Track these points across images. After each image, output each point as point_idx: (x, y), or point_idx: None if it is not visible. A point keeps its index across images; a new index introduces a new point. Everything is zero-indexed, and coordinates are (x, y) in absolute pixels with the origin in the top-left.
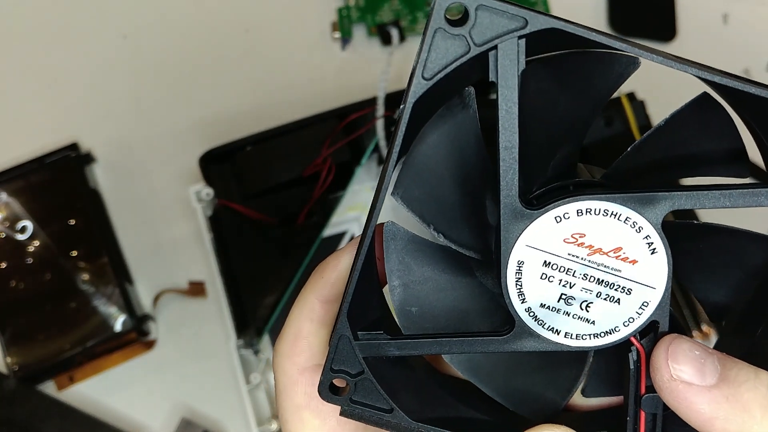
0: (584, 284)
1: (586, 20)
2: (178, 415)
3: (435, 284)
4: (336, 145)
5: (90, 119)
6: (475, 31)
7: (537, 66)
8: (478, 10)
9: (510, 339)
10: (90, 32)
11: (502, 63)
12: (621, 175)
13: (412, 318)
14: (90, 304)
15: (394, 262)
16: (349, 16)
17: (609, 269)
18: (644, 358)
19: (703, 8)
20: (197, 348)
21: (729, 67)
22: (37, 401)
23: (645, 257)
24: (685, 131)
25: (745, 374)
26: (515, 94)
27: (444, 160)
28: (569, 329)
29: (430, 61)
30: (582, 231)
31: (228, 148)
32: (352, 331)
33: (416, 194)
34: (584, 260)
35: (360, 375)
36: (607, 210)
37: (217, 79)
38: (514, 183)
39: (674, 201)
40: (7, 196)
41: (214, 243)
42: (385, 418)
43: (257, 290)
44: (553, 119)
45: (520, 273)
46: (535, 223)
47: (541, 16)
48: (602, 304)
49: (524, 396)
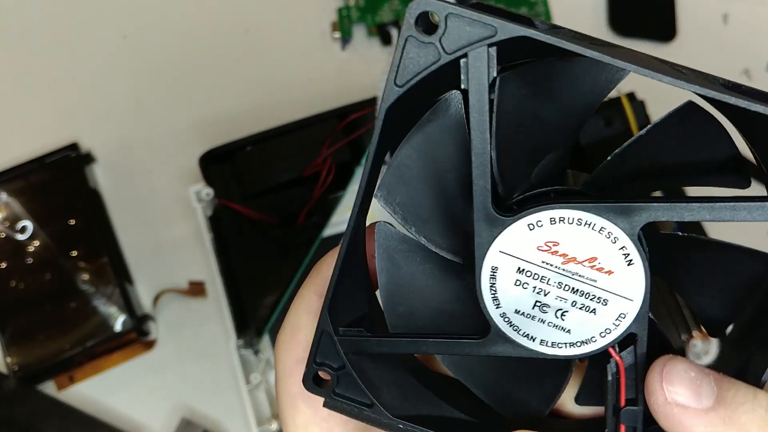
0: (559, 292)
1: (586, 20)
2: (178, 415)
3: (423, 285)
4: (336, 145)
5: (90, 119)
6: (446, 39)
7: (519, 72)
8: (448, 19)
9: (486, 343)
10: (90, 32)
11: (472, 71)
12: (603, 184)
13: (400, 317)
14: (90, 304)
15: (384, 262)
16: (349, 16)
17: (584, 279)
18: (623, 371)
19: (703, 8)
20: (197, 348)
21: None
22: (37, 401)
23: (621, 268)
24: (670, 140)
25: (743, 395)
26: (485, 101)
27: (426, 163)
28: (544, 337)
29: (401, 68)
30: (555, 239)
31: (228, 148)
32: (333, 326)
33: (398, 197)
34: (558, 269)
35: (342, 369)
36: (580, 219)
37: (217, 79)
38: (487, 189)
39: (651, 212)
40: (7, 196)
41: (214, 243)
42: (365, 413)
43: (257, 290)
44: (537, 126)
45: (495, 279)
46: (508, 230)
47: (510, 24)
48: (578, 313)
49: (510, 399)
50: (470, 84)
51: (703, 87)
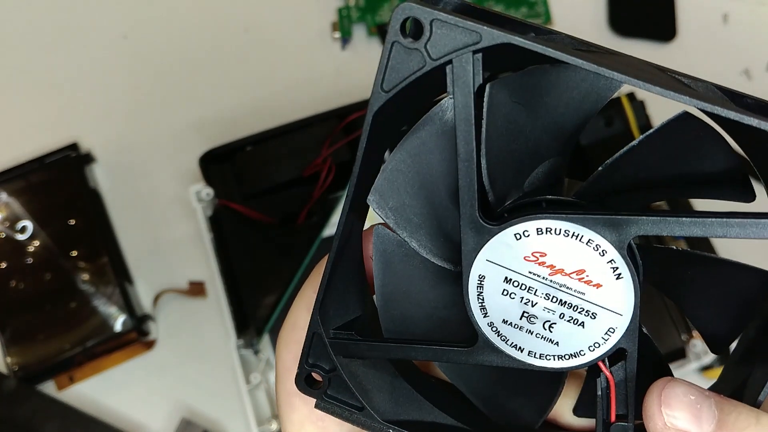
0: (546, 304)
1: (586, 20)
2: (178, 415)
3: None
4: (336, 145)
5: (90, 119)
6: (431, 45)
7: (511, 79)
8: (433, 24)
9: (473, 352)
10: (90, 32)
11: (457, 78)
12: (595, 194)
13: (395, 320)
14: (90, 304)
15: (381, 265)
16: (349, 16)
17: (572, 291)
18: (613, 386)
19: (703, 8)
20: (197, 348)
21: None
22: (37, 401)
23: (610, 282)
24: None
25: (745, 419)
26: (471, 108)
27: (419, 169)
28: (532, 348)
29: (388, 73)
30: (543, 250)
31: (228, 148)
32: (324, 328)
33: (390, 202)
34: (546, 280)
35: (333, 371)
36: (567, 230)
37: (217, 79)
38: (473, 196)
39: (640, 226)
40: (7, 196)
41: (214, 243)
42: (356, 416)
43: (257, 290)
44: (530, 134)
45: (482, 288)
46: (495, 239)
47: (495, 30)
48: (566, 325)
49: (503, 407)
50: (456, 90)
51: (694, 98)
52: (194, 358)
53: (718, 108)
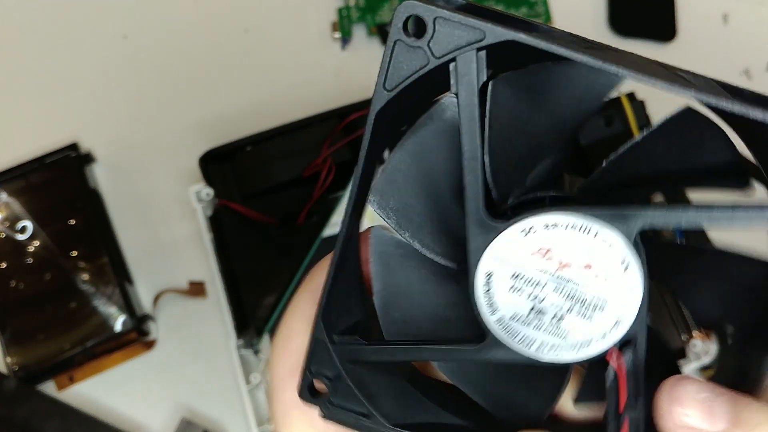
0: (554, 298)
1: (586, 20)
2: (178, 415)
3: (419, 290)
4: (336, 145)
5: (90, 119)
6: (434, 43)
7: (513, 76)
8: (436, 22)
9: (482, 349)
10: (90, 32)
11: (461, 75)
12: (598, 190)
13: (395, 323)
14: (90, 304)
15: (379, 267)
16: (349, 16)
17: (579, 284)
18: (622, 376)
19: (703, 8)
20: (197, 348)
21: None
22: (37, 401)
23: (617, 274)
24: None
25: (758, 416)
26: (475, 105)
27: (420, 168)
28: (541, 342)
29: (390, 72)
30: (550, 245)
31: (228, 148)
32: (328, 334)
33: (391, 202)
34: (553, 274)
35: (337, 378)
36: (575, 225)
37: (217, 79)
38: (479, 194)
39: (647, 218)
40: (7, 196)
41: (214, 243)
42: (363, 422)
43: (257, 290)
44: (532, 130)
45: (489, 284)
46: (501, 236)
47: (498, 28)
48: (574, 318)
49: (508, 402)
50: (460, 88)
51: (699, 92)
52: (194, 358)
53: (724, 102)
